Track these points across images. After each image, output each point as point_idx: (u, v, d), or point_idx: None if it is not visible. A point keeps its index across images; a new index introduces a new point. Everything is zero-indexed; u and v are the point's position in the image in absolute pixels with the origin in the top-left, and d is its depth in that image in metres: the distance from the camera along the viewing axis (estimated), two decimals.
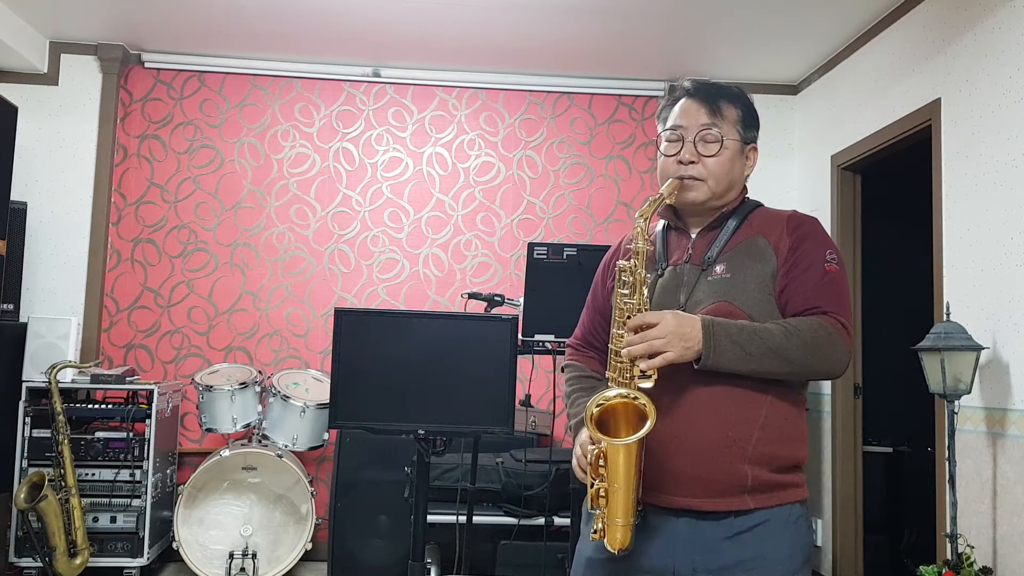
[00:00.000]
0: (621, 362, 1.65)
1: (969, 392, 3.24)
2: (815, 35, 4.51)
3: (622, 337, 1.64)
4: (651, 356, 1.60)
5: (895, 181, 5.01)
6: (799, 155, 5.18)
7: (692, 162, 1.77)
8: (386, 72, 5.17)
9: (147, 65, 5.08)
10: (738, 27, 4.45)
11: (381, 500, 4.25)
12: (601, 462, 1.62)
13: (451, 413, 2.61)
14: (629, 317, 1.66)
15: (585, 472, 1.67)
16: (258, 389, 4.47)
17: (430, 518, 3.43)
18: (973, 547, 3.19)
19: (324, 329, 5.04)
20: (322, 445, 4.48)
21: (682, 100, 1.83)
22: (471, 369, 2.60)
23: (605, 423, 1.61)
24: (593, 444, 1.64)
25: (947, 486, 3.27)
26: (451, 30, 4.61)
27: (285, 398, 4.40)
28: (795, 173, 5.20)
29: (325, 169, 5.16)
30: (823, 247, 1.75)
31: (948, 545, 3.22)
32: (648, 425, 1.56)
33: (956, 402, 3.26)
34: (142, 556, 4.22)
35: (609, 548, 1.63)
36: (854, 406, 4.60)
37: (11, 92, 4.66)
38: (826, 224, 4.71)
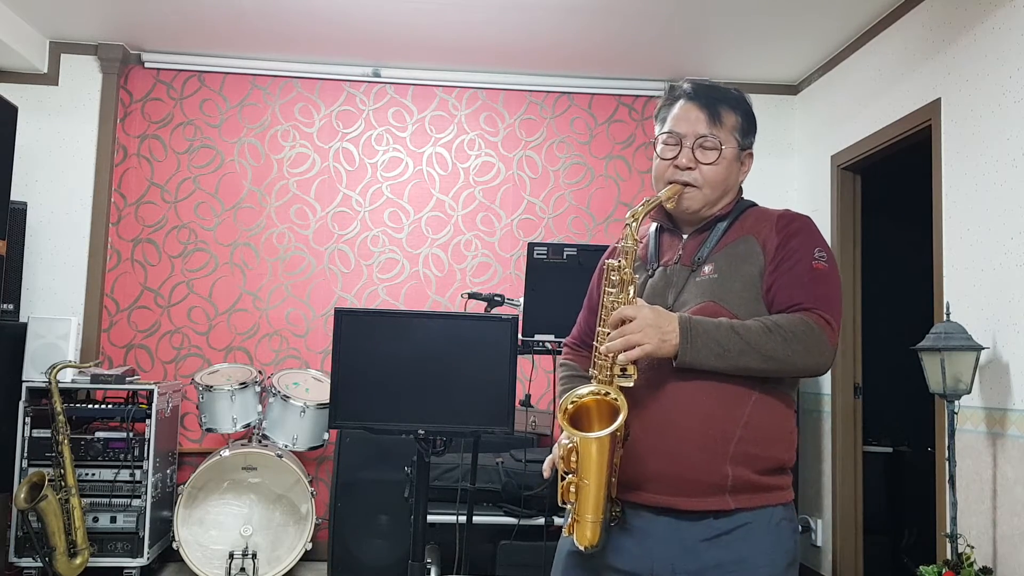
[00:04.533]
0: (602, 359, 1.64)
1: (969, 392, 3.24)
2: (815, 35, 4.51)
3: (607, 335, 1.64)
4: (628, 350, 1.59)
5: (895, 181, 5.01)
6: (799, 155, 5.18)
7: (689, 168, 1.77)
8: (386, 72, 5.17)
9: (147, 65, 5.08)
10: (738, 27, 4.45)
11: (381, 500, 4.25)
12: (574, 457, 1.61)
13: (451, 413, 2.61)
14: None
15: (554, 469, 1.68)
16: (258, 389, 4.47)
17: (430, 518, 3.44)
18: (973, 547, 3.19)
19: (324, 329, 5.04)
20: (322, 445, 4.48)
21: (681, 102, 1.82)
22: (471, 369, 2.60)
23: (579, 421, 1.61)
24: (567, 439, 1.63)
25: (947, 486, 3.27)
26: (451, 30, 4.61)
27: (285, 398, 4.40)
28: (795, 173, 5.20)
29: (325, 169, 5.16)
30: (812, 245, 1.72)
31: (948, 545, 3.22)
32: (619, 419, 1.55)
33: (956, 402, 3.26)
34: (142, 556, 4.22)
35: (577, 544, 1.62)
36: (854, 406, 4.60)
37: (11, 92, 4.66)
38: (826, 224, 4.71)
